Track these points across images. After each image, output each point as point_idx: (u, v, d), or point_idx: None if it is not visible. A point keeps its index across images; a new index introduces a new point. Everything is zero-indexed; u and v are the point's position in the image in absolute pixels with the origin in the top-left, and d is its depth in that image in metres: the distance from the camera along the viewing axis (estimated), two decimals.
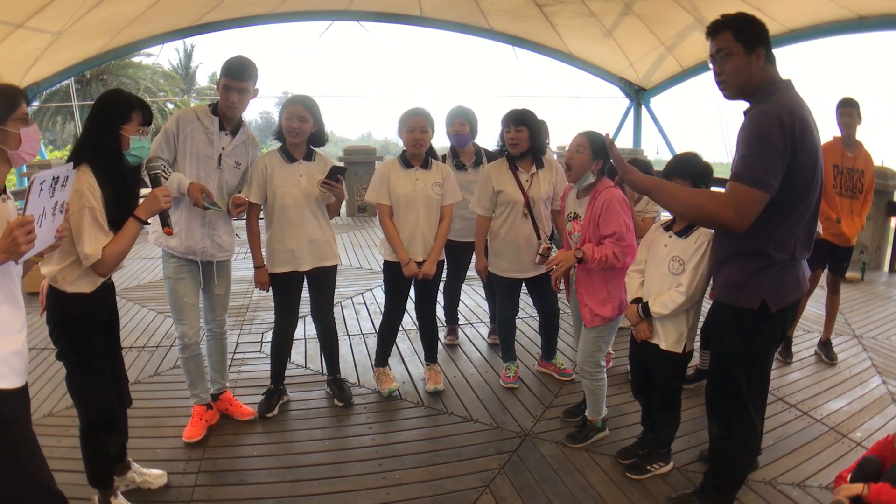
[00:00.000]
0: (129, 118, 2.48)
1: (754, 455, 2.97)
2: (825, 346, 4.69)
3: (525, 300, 4.90)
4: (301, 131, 3.43)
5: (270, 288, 3.63)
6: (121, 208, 2.49)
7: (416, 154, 3.75)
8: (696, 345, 3.38)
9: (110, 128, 2.45)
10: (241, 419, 3.63)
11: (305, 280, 3.73)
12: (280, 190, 3.48)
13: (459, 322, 5.20)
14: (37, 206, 1.87)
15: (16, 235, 1.78)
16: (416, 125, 3.70)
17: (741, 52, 2.29)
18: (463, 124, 4.37)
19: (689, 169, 2.85)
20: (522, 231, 3.84)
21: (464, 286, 5.12)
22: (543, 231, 3.88)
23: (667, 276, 2.86)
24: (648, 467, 3.10)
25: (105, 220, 2.43)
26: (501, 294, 4.13)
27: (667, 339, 2.91)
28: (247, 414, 3.65)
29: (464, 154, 4.48)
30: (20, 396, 2.02)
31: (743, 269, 2.41)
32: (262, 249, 3.64)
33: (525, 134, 3.76)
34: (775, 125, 2.18)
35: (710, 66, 2.43)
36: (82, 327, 2.51)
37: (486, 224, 3.95)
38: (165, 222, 2.66)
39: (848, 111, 4.42)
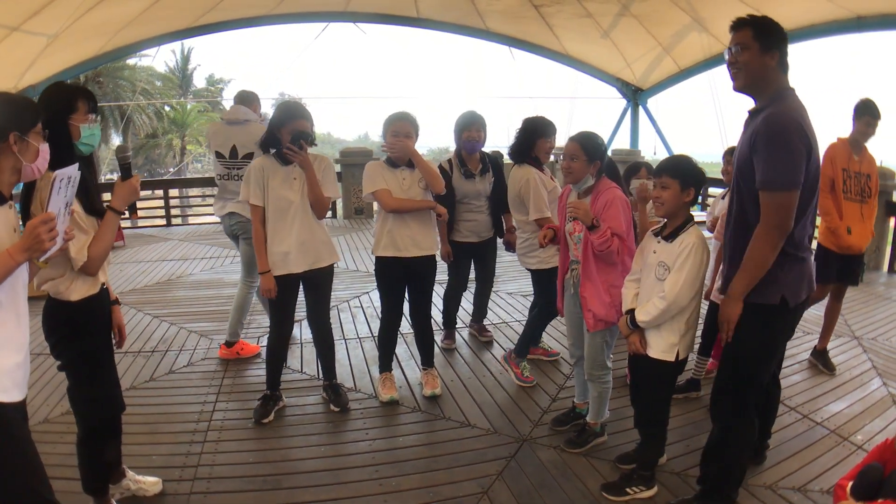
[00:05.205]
0: (75, 108, 2.43)
1: (752, 457, 2.95)
2: (822, 356, 4.52)
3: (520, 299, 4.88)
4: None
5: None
6: (88, 202, 2.46)
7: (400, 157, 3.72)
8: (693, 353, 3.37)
9: (59, 121, 2.37)
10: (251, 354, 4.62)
11: (301, 283, 3.70)
12: (275, 192, 3.48)
13: (457, 325, 5.17)
14: (56, 204, 1.89)
15: (39, 232, 1.78)
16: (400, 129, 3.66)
17: (757, 48, 2.43)
18: (479, 131, 4.38)
19: (678, 169, 2.74)
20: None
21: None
22: None
23: (655, 283, 2.78)
24: (628, 489, 2.94)
25: (84, 220, 2.41)
26: (551, 286, 3.85)
27: (656, 346, 2.81)
28: (253, 350, 4.64)
29: (471, 162, 4.47)
30: (21, 409, 2.02)
31: None
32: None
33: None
34: (794, 126, 2.32)
35: (726, 56, 2.55)
36: (91, 333, 2.52)
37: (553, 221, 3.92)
38: (133, 209, 2.68)
39: (874, 122, 4.26)
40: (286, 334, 3.80)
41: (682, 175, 2.71)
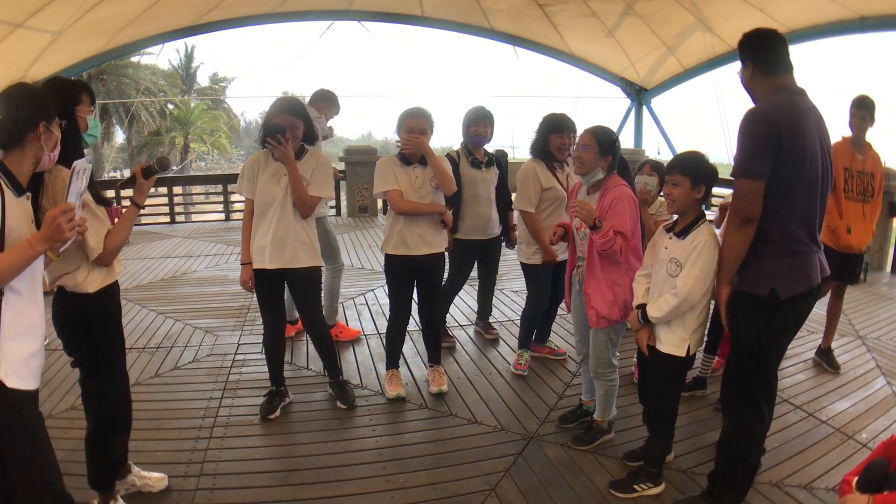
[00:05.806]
0: (80, 99, 2.47)
1: (760, 452, 2.95)
2: (826, 355, 4.52)
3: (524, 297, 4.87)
4: (294, 138, 3.42)
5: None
6: (96, 192, 2.48)
7: (414, 153, 3.73)
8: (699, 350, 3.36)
9: (68, 113, 2.36)
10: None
11: (286, 283, 3.71)
12: (262, 187, 3.49)
13: (463, 323, 5.17)
14: (74, 194, 1.92)
15: (60, 223, 1.79)
16: (414, 125, 3.66)
17: (741, 67, 2.66)
18: (486, 126, 4.42)
19: (688, 166, 2.74)
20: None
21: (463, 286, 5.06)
22: None
23: (666, 279, 2.79)
24: (635, 486, 2.94)
25: (97, 209, 2.42)
26: (533, 279, 4.24)
27: (667, 341, 2.82)
28: (352, 334, 4.91)
29: (477, 152, 4.50)
30: (35, 398, 2.04)
31: (754, 257, 2.54)
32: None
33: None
34: (756, 120, 2.45)
35: None
36: (104, 326, 2.55)
37: (537, 219, 4.05)
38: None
39: (861, 114, 4.27)
40: (275, 329, 3.77)
41: (693, 172, 2.72)
